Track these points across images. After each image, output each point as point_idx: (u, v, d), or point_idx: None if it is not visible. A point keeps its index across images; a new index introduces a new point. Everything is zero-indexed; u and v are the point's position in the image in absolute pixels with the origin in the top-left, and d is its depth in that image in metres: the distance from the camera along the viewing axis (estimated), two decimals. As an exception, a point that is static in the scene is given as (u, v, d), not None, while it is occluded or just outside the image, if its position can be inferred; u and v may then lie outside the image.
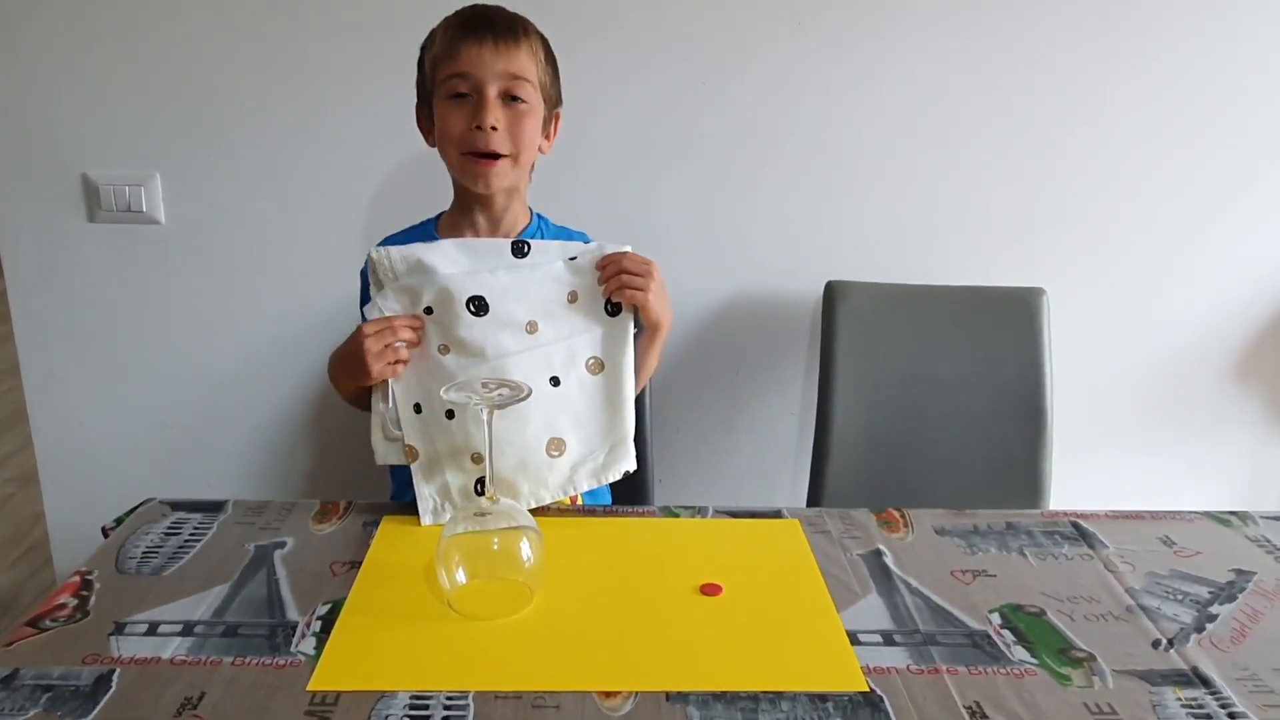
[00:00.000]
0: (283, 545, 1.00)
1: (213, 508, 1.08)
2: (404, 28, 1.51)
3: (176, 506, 1.08)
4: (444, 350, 1.03)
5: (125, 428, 1.72)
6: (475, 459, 1.03)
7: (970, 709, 0.75)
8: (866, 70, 1.57)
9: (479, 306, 1.01)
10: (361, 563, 0.96)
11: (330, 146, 1.58)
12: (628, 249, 1.08)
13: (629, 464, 1.09)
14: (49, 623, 0.84)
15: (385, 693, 0.75)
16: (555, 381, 1.05)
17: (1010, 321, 1.54)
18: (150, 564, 0.95)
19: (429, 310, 1.03)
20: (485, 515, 0.89)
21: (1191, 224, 1.67)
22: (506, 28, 1.09)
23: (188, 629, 0.84)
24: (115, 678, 0.77)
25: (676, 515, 1.09)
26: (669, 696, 0.76)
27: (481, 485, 1.04)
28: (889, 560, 0.99)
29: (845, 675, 0.79)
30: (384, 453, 1.07)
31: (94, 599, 0.89)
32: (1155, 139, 1.62)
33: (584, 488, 1.07)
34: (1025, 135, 1.61)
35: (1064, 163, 1.63)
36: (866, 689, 0.77)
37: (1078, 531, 1.07)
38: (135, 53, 1.53)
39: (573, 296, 1.06)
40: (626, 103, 1.57)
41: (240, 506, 1.08)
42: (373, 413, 1.07)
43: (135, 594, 0.89)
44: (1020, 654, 0.83)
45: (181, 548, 0.99)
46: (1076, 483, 1.62)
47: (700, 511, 1.10)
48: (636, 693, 0.76)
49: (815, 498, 1.52)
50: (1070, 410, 1.61)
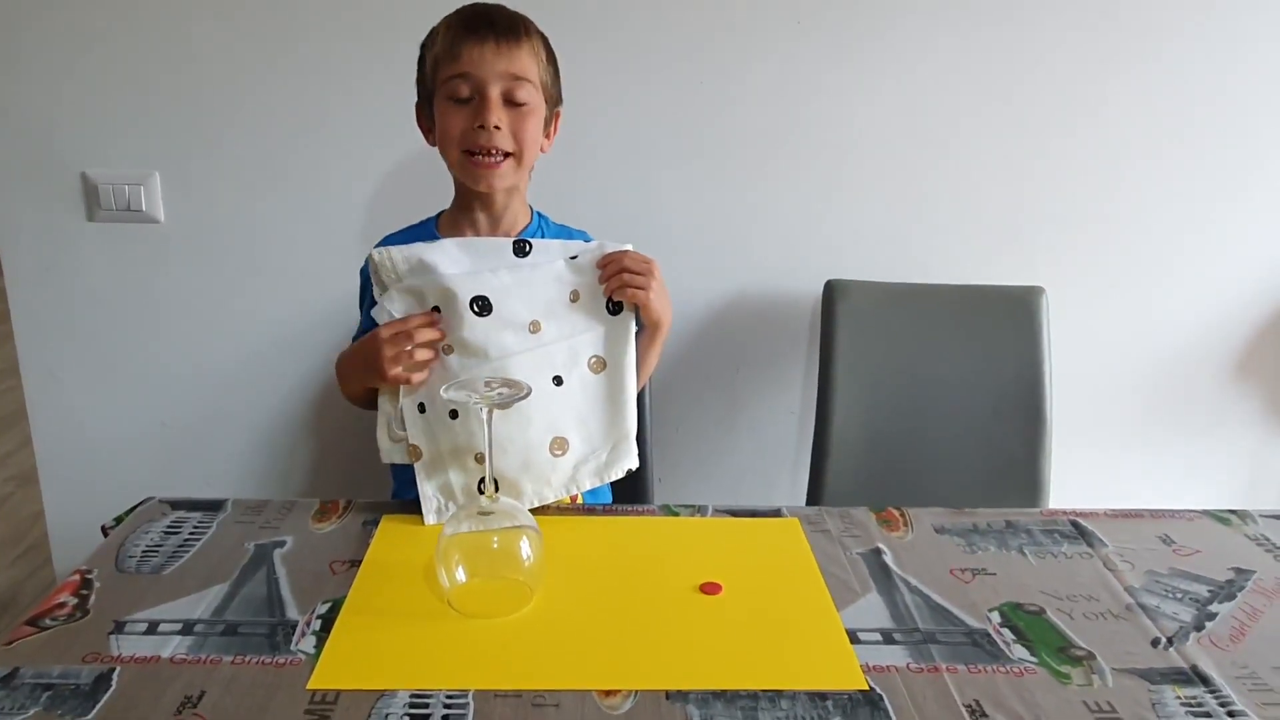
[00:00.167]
0: (282, 544, 1.00)
1: (212, 506, 1.08)
2: (403, 27, 1.51)
3: (176, 505, 1.08)
4: (448, 350, 1.03)
5: (124, 426, 1.72)
6: (478, 459, 1.03)
7: (970, 707, 0.75)
8: (866, 69, 1.57)
9: (482, 306, 1.01)
10: (361, 561, 0.96)
11: (330, 145, 1.58)
12: (629, 247, 1.08)
13: (631, 462, 1.09)
14: (49, 621, 0.84)
15: (385, 691, 0.75)
16: (558, 381, 1.05)
17: (1010, 320, 1.54)
18: (150, 563, 0.95)
19: (435, 310, 1.03)
20: (485, 514, 0.89)
21: (1191, 223, 1.67)
22: (508, 28, 1.09)
23: (187, 628, 0.84)
24: (115, 676, 0.77)
25: (676, 514, 1.09)
26: (669, 695, 0.76)
27: (484, 485, 1.04)
28: (889, 559, 0.99)
29: (845, 674, 0.79)
30: (389, 451, 1.07)
31: (94, 598, 0.89)
32: (1155, 138, 1.62)
33: (587, 486, 1.08)
34: (1025, 134, 1.61)
35: (1063, 162, 1.63)
36: (866, 687, 0.77)
37: (1077, 530, 1.07)
38: (134, 52, 1.53)
39: (574, 295, 1.06)
40: (626, 102, 1.57)
41: (240, 505, 1.08)
42: (379, 412, 1.07)
43: (135, 593, 0.89)
44: (1020, 652, 0.83)
45: (181, 547, 0.99)
46: (1076, 481, 1.62)
47: (700, 510, 1.10)
48: (636, 691, 0.76)
49: (815, 496, 1.52)
50: (1070, 409, 1.61)
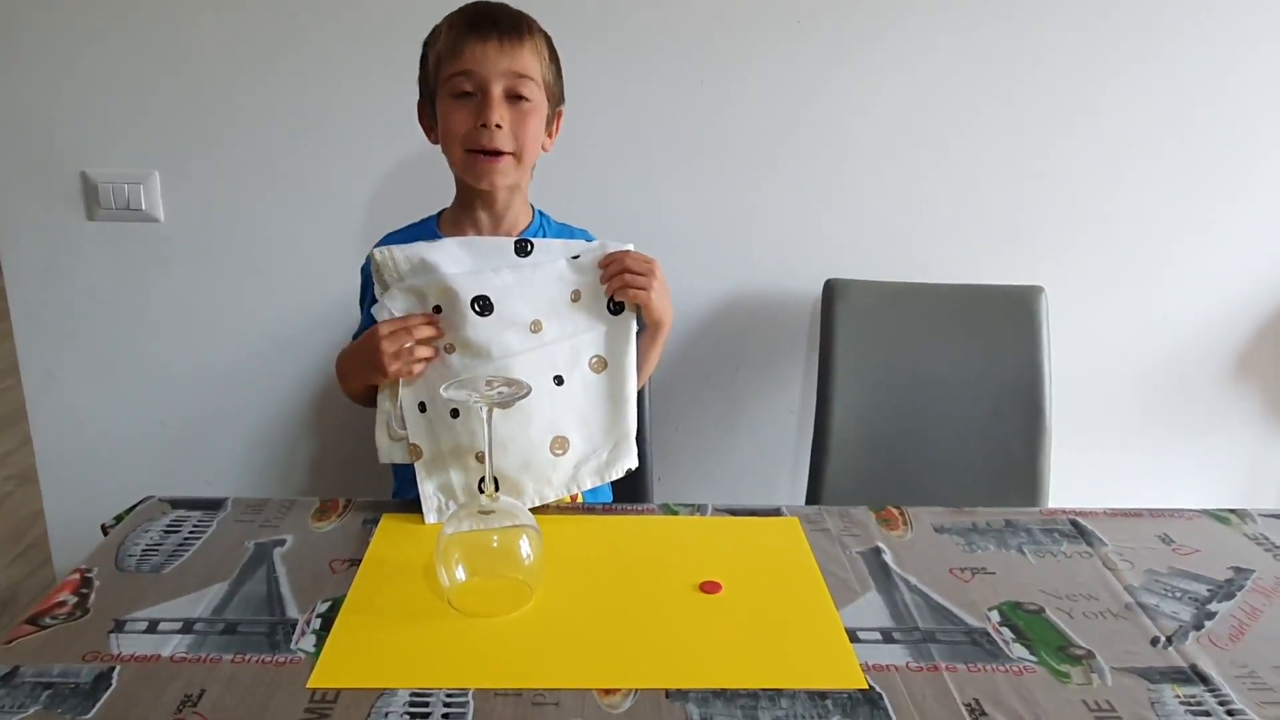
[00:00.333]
0: (282, 543, 1.00)
1: (212, 505, 1.08)
2: (403, 26, 1.51)
3: (176, 504, 1.08)
4: (449, 349, 1.03)
5: (124, 425, 1.72)
6: (479, 458, 1.03)
7: (969, 706, 0.75)
8: (866, 69, 1.57)
9: (484, 306, 1.01)
10: (361, 560, 0.96)
11: (329, 144, 1.58)
12: (630, 247, 1.08)
13: (631, 461, 1.10)
14: (49, 620, 0.84)
15: (385, 690, 0.75)
16: (559, 380, 1.05)
17: (1009, 320, 1.54)
18: (150, 562, 0.95)
19: (437, 309, 1.03)
20: (485, 513, 0.89)
21: (1190, 223, 1.67)
22: (511, 26, 1.09)
23: (187, 626, 0.84)
24: (115, 675, 0.77)
25: (676, 513, 1.09)
26: (668, 694, 0.76)
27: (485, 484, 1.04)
28: (888, 558, 0.99)
29: (845, 673, 0.79)
30: (388, 451, 1.06)
31: (93, 597, 0.89)
32: (1154, 138, 1.62)
33: (587, 485, 1.08)
34: (1024, 134, 1.61)
35: (1063, 161, 1.63)
36: (866, 686, 0.77)
37: (1076, 529, 1.07)
38: (134, 51, 1.53)
39: (576, 295, 1.06)
40: (625, 101, 1.57)
41: (240, 504, 1.08)
42: (378, 411, 1.07)
43: (135, 592, 0.89)
44: (1019, 651, 0.83)
45: (181, 545, 0.99)
46: (1075, 480, 1.62)
47: (700, 509, 1.10)
48: (636, 690, 0.76)
49: (814, 495, 1.52)
50: (1069, 408, 1.61)
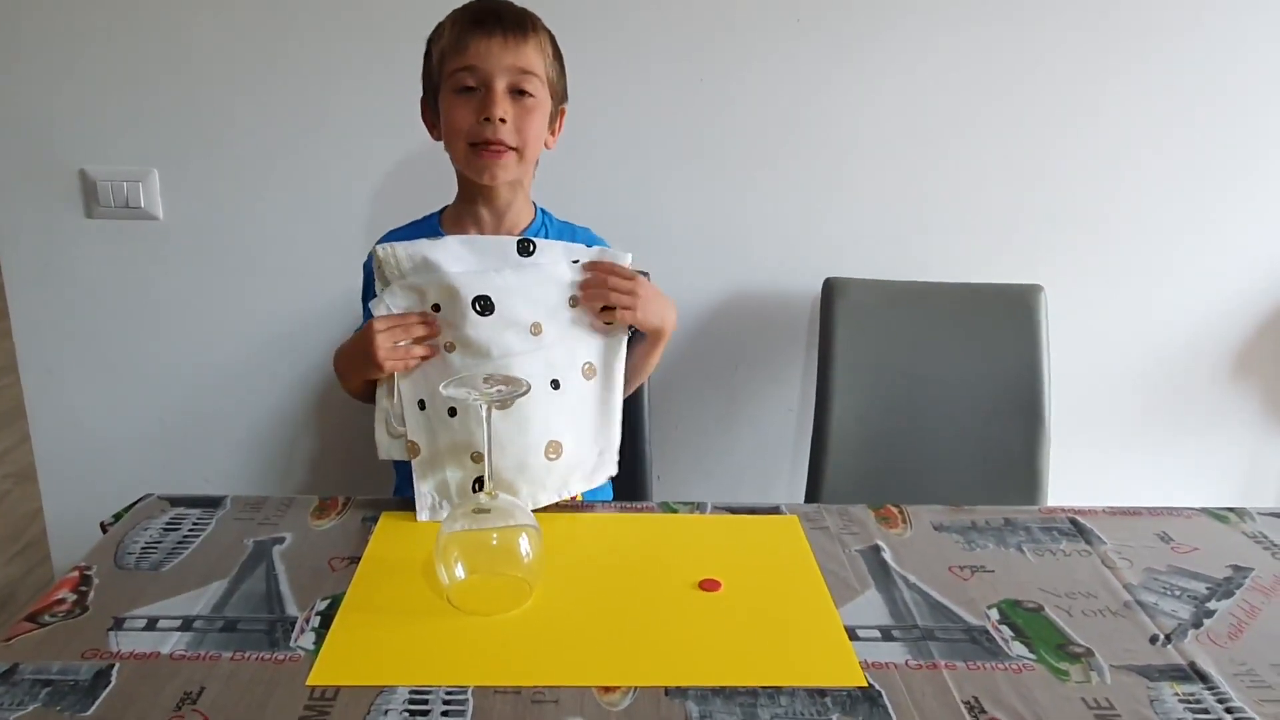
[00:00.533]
0: (281, 540, 1.00)
1: (211, 503, 1.08)
2: (402, 24, 1.51)
3: (175, 502, 1.08)
4: (450, 348, 1.03)
5: (123, 423, 1.72)
6: (475, 458, 1.03)
7: (969, 704, 0.75)
8: (865, 68, 1.57)
9: (485, 306, 1.01)
10: (360, 558, 0.96)
11: (329, 142, 1.58)
12: (629, 257, 1.09)
13: (612, 469, 1.12)
14: (48, 618, 0.84)
15: (384, 688, 0.75)
16: (556, 384, 1.05)
17: (1009, 319, 1.54)
18: (149, 559, 0.95)
19: (436, 308, 1.03)
20: (484, 511, 0.89)
21: (1189, 222, 1.67)
22: (515, 22, 1.09)
23: (187, 624, 0.84)
24: (114, 673, 0.77)
25: (675, 511, 1.09)
26: (668, 691, 0.76)
27: (480, 484, 1.04)
28: (887, 556, 0.99)
29: (844, 670, 0.79)
30: (387, 448, 1.07)
31: (93, 594, 0.89)
32: (1153, 137, 1.62)
33: (574, 490, 1.09)
34: (1023, 133, 1.61)
35: (1062, 161, 1.63)
36: (865, 684, 0.77)
37: (1075, 528, 1.07)
38: (133, 48, 1.52)
39: (574, 300, 1.06)
40: (625, 100, 1.57)
41: (239, 502, 1.08)
42: (377, 408, 1.07)
43: (134, 589, 0.89)
44: (1018, 649, 0.83)
45: (180, 543, 0.99)
46: (1074, 479, 1.62)
47: (699, 507, 1.10)
48: (635, 688, 0.76)
49: (814, 494, 1.52)
50: (1068, 407, 1.61)
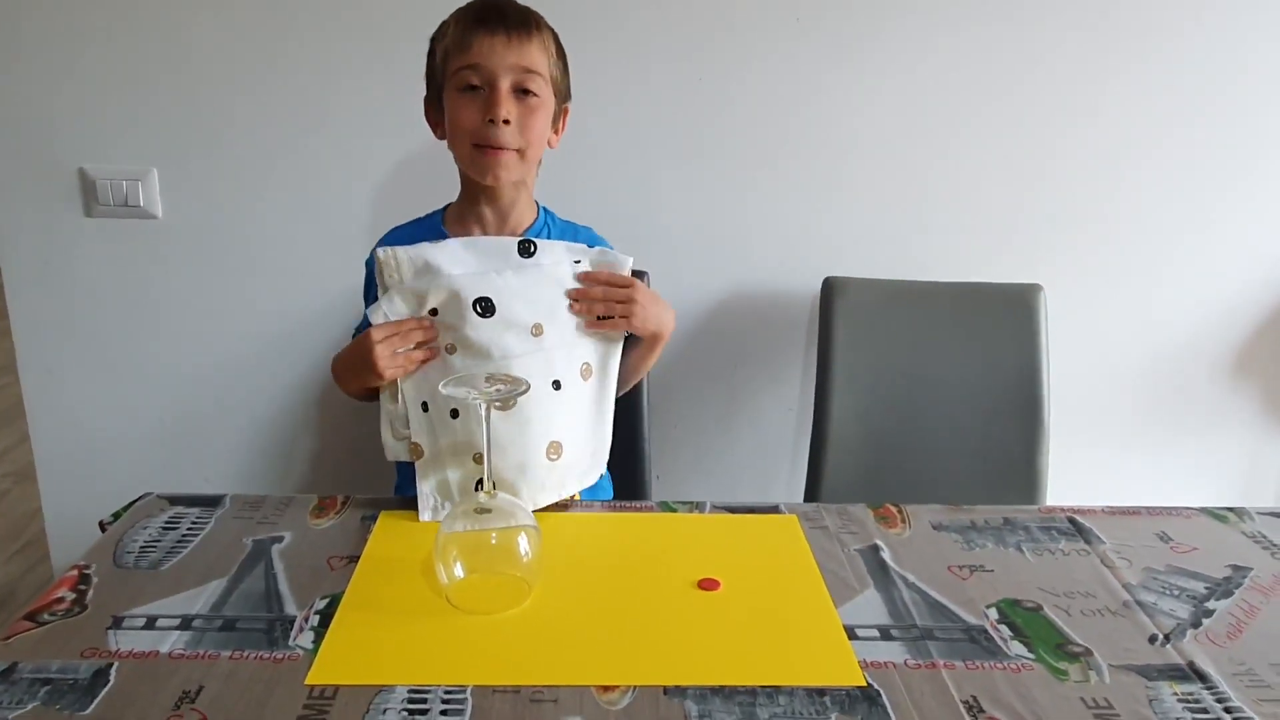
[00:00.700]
0: (280, 539, 1.00)
1: (210, 502, 1.08)
2: (402, 23, 1.51)
3: (174, 501, 1.08)
4: (451, 349, 1.03)
5: (122, 422, 1.72)
6: (477, 458, 1.03)
7: (967, 704, 0.75)
8: (865, 67, 1.57)
9: (485, 308, 1.01)
10: (359, 557, 0.96)
11: (328, 141, 1.58)
12: (630, 261, 1.09)
13: (602, 467, 1.13)
14: (47, 617, 0.84)
15: (383, 687, 0.75)
16: (557, 385, 1.05)
17: (1008, 318, 1.54)
18: (148, 558, 0.95)
19: (434, 312, 1.03)
20: (484, 511, 0.89)
21: (1189, 221, 1.67)
22: (519, 21, 1.09)
23: (186, 623, 0.84)
24: (113, 671, 0.77)
25: (674, 510, 1.09)
26: (667, 691, 0.76)
27: (482, 485, 1.04)
28: (886, 555, 0.99)
29: (843, 670, 0.79)
30: (394, 450, 1.07)
31: (92, 593, 0.89)
32: (1153, 136, 1.62)
33: (571, 491, 1.09)
34: (1023, 132, 1.61)
35: (1062, 160, 1.63)
36: (864, 684, 0.77)
37: (1075, 527, 1.07)
38: (133, 47, 1.52)
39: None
40: (624, 99, 1.57)
41: (238, 501, 1.08)
42: (382, 411, 1.07)
43: (133, 588, 0.89)
44: (1017, 649, 0.83)
45: (179, 542, 0.99)
46: (1073, 478, 1.62)
47: (698, 507, 1.10)
48: (634, 687, 0.76)
49: (813, 493, 1.52)
50: (1068, 407, 1.61)
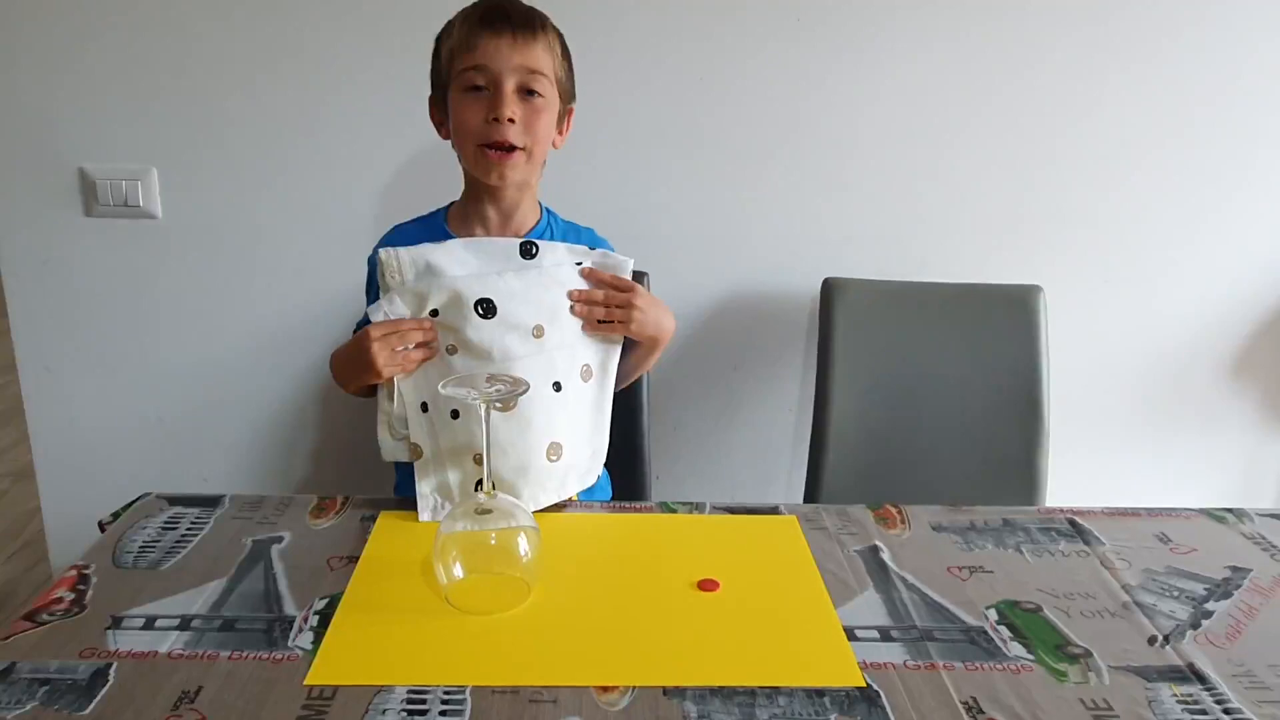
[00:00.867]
0: (280, 540, 1.00)
1: (210, 502, 1.08)
2: (402, 22, 1.51)
3: (174, 501, 1.08)
4: (451, 350, 1.03)
5: (122, 422, 1.72)
6: (477, 459, 1.03)
7: (967, 705, 0.75)
8: (865, 67, 1.57)
9: (487, 309, 1.01)
10: (359, 557, 0.96)
11: (328, 141, 1.58)
12: (630, 263, 1.09)
13: (600, 469, 1.14)
14: (46, 616, 0.84)
15: (382, 687, 0.75)
16: (557, 387, 1.05)
17: (1007, 319, 1.54)
18: (147, 558, 0.95)
19: (435, 313, 1.03)
20: (483, 511, 0.89)
21: (1188, 222, 1.67)
22: (524, 21, 1.09)
23: (185, 623, 0.84)
24: (112, 671, 0.77)
25: (674, 511, 1.09)
26: (666, 691, 0.76)
27: (481, 485, 1.04)
28: (886, 556, 0.99)
29: (842, 670, 0.79)
30: (391, 450, 1.07)
31: (91, 593, 0.88)
32: (1152, 137, 1.62)
33: (570, 492, 1.09)
34: (1023, 132, 1.61)
35: (1061, 160, 1.63)
36: (863, 684, 0.77)
37: (1074, 528, 1.07)
38: (133, 46, 1.52)
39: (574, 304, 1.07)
40: (624, 98, 1.57)
41: (237, 501, 1.08)
42: (379, 411, 1.07)
43: (132, 588, 0.89)
44: (1017, 650, 0.83)
45: (179, 542, 0.99)
46: (1073, 480, 1.62)
47: (697, 507, 1.10)
48: (634, 687, 0.76)
49: (812, 494, 1.52)
50: (1067, 407, 1.61)
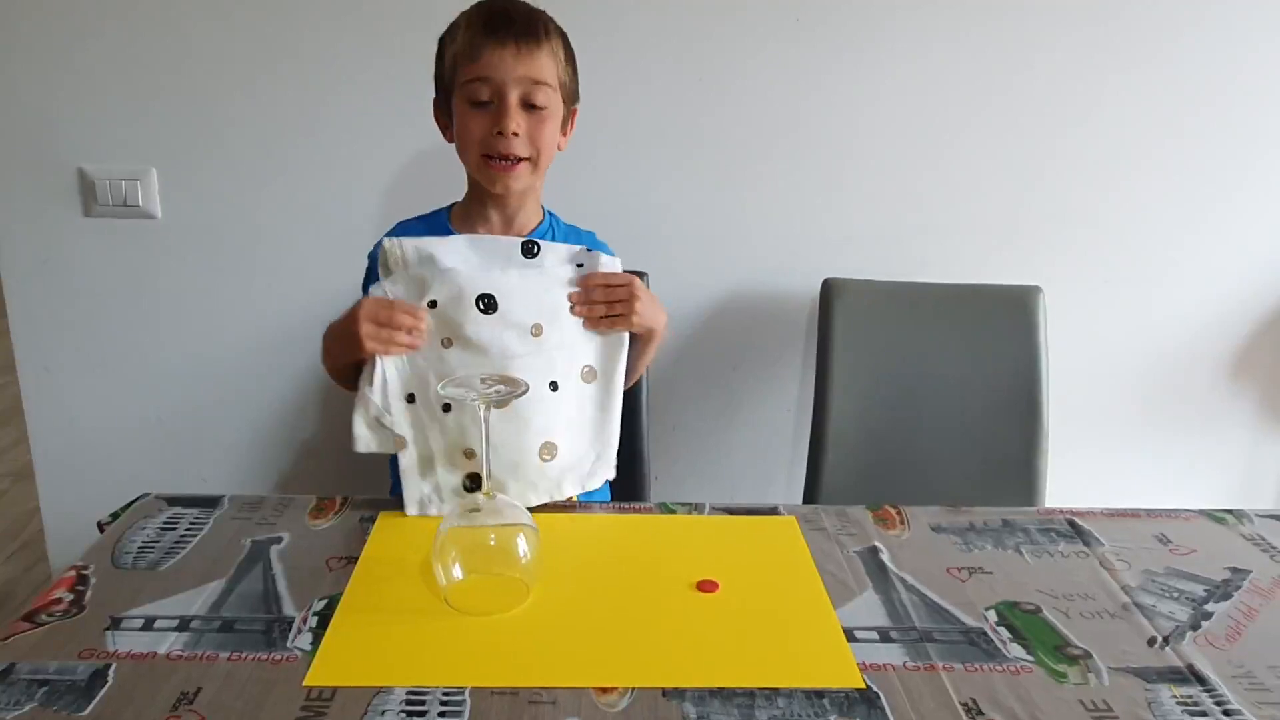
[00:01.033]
0: (279, 540, 0.99)
1: (209, 503, 1.08)
2: (402, 22, 1.51)
3: (173, 501, 1.08)
4: (447, 344, 1.03)
5: (121, 422, 1.72)
6: (468, 454, 1.03)
7: (966, 706, 0.75)
8: (864, 67, 1.57)
9: (488, 305, 1.01)
10: (358, 558, 0.96)
11: (327, 141, 1.58)
12: (618, 261, 1.08)
13: (609, 472, 1.11)
14: (45, 617, 0.84)
15: (381, 688, 0.75)
16: (554, 386, 1.05)
17: (1007, 319, 1.54)
18: (146, 559, 0.95)
19: (433, 304, 1.02)
20: (482, 511, 0.89)
21: (1187, 222, 1.67)
22: (528, 30, 1.07)
23: (184, 624, 0.84)
24: (111, 672, 0.77)
25: (673, 512, 1.09)
26: (665, 692, 0.76)
27: (471, 480, 1.04)
28: (885, 557, 0.99)
29: (841, 672, 0.79)
30: (366, 440, 1.04)
31: (90, 594, 0.88)
32: (1151, 137, 1.62)
33: (568, 493, 1.08)
34: (1022, 133, 1.61)
35: (1061, 161, 1.63)
36: (863, 685, 0.77)
37: (1074, 529, 1.07)
38: (132, 46, 1.52)
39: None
40: (623, 98, 1.57)
41: (236, 502, 1.08)
42: (358, 398, 1.03)
43: (131, 589, 0.89)
44: (1016, 651, 0.83)
45: (178, 543, 0.98)
46: (1072, 480, 1.62)
47: (697, 508, 1.10)
48: (633, 689, 0.76)
49: (811, 495, 1.52)
50: (1066, 408, 1.61)
